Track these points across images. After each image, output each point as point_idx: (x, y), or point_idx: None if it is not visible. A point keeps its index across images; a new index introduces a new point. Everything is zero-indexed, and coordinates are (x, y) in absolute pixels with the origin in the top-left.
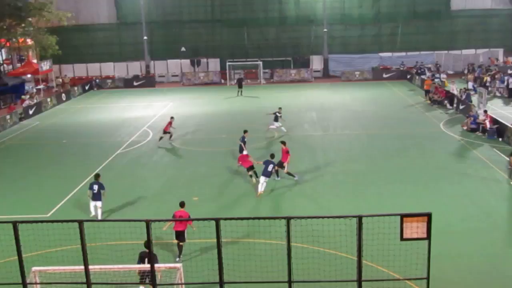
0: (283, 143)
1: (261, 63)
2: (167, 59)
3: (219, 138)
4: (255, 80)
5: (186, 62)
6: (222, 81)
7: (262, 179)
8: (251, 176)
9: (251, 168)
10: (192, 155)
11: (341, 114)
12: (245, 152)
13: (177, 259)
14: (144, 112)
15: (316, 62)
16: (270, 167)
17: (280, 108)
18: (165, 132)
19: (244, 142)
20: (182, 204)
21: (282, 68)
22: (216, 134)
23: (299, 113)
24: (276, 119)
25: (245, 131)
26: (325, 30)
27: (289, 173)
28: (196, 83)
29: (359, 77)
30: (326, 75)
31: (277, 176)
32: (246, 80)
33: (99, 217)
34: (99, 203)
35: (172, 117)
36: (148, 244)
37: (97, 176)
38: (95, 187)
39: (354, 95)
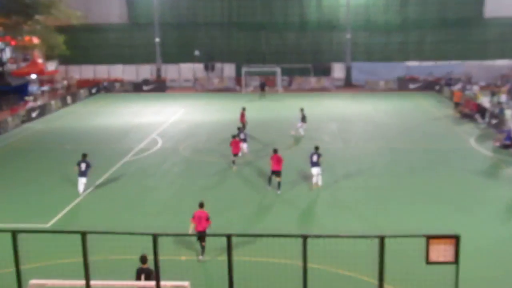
0: (275, 151)
1: (279, 69)
2: (179, 63)
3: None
4: (272, 88)
5: (200, 66)
6: (238, 87)
7: (315, 171)
8: (233, 162)
9: (237, 155)
10: (204, 165)
11: (363, 126)
12: (242, 138)
13: (201, 257)
14: (153, 119)
15: (338, 70)
16: (315, 157)
17: (302, 110)
18: (242, 123)
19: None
20: (201, 205)
21: (301, 75)
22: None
23: (318, 123)
24: (303, 119)
25: (239, 128)
26: (348, 36)
27: (279, 183)
28: (210, 89)
29: (383, 87)
30: (348, 84)
31: (278, 188)
32: (260, 88)
33: (81, 191)
34: (84, 179)
35: (244, 108)
36: (154, 259)
37: (84, 155)
38: (83, 165)
39: (378, 106)
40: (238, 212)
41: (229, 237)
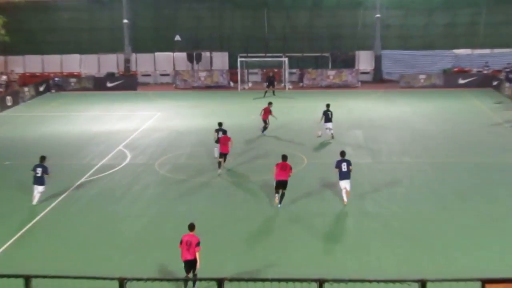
0: (284, 158)
1: (286, 60)
2: (155, 52)
3: (225, 164)
4: (277, 84)
5: (182, 56)
6: (232, 83)
7: (344, 184)
8: (219, 163)
9: (224, 155)
10: (187, 187)
11: (397, 134)
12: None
13: None
14: (120, 125)
15: (364, 61)
16: (344, 166)
17: (328, 105)
18: (265, 121)
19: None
20: (191, 227)
21: (316, 68)
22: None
23: (339, 131)
24: (330, 119)
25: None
26: (377, 16)
27: (283, 195)
28: (195, 86)
29: (424, 83)
30: (378, 79)
31: (280, 202)
32: (266, 83)
33: (35, 202)
34: (41, 188)
35: (270, 103)
36: None
37: (42, 158)
38: (39, 170)
39: (417, 107)
40: (232, 247)
41: (221, 282)
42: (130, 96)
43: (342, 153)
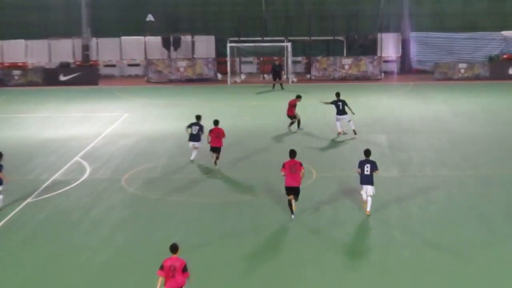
0: (292, 153)
1: (289, 45)
2: (121, 36)
3: (211, 178)
4: (269, 76)
5: (156, 41)
6: (219, 76)
7: (364, 189)
8: (215, 162)
9: (217, 150)
10: (163, 208)
11: (431, 139)
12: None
13: None
14: (77, 130)
15: (389, 46)
16: (367, 169)
17: (337, 94)
18: (290, 116)
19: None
20: (174, 248)
21: (328, 55)
22: (205, 173)
23: (358, 135)
24: (341, 111)
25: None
26: None
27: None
28: (173, 80)
29: (465, 74)
30: (406, 69)
31: (292, 213)
32: (263, 76)
33: None
34: None
35: (299, 96)
36: None
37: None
38: None
39: (455, 105)
40: (231, 267)
41: None
42: (89, 93)
43: (366, 152)
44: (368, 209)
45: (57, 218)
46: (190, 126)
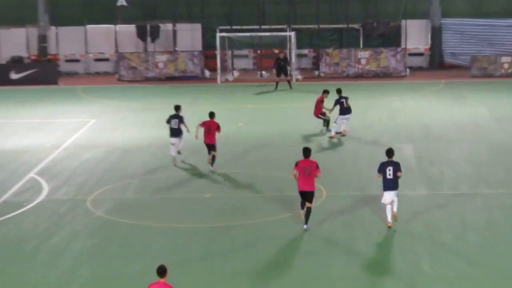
0: (306, 152)
1: (292, 35)
2: (86, 24)
3: (197, 198)
4: (273, 71)
5: (129, 31)
6: (207, 73)
7: (388, 196)
8: (212, 159)
9: (208, 147)
10: (138, 235)
11: (468, 150)
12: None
13: None
14: (32, 140)
15: (415, 36)
16: (389, 172)
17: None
18: (319, 116)
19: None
20: (161, 271)
21: (340, 47)
22: (189, 191)
23: (377, 146)
24: (347, 109)
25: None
26: None
27: (309, 211)
28: (150, 77)
29: (509, 70)
30: (437, 64)
31: (306, 223)
32: (261, 73)
33: None
34: None
35: (326, 91)
36: None
37: None
38: None
39: (498, 108)
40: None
41: None
42: (47, 94)
43: (389, 152)
44: (390, 220)
45: (8, 248)
46: (169, 120)
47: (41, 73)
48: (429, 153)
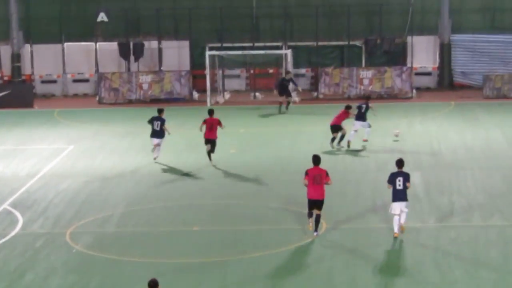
0: (316, 159)
1: (289, 52)
2: (63, 42)
3: (184, 231)
4: (273, 92)
5: (110, 49)
6: (196, 94)
7: (395, 206)
8: (208, 154)
9: (210, 142)
10: (121, 271)
11: (481, 178)
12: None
13: None
14: (4, 169)
15: (423, 53)
16: (399, 183)
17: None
18: (336, 128)
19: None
20: (153, 285)
21: (341, 66)
22: (174, 221)
23: (381, 173)
24: (361, 114)
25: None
26: None
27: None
28: (134, 100)
29: None
30: (447, 84)
31: (316, 230)
32: (254, 94)
33: None
34: None
35: (348, 107)
36: None
37: None
38: None
39: None
40: None
41: None
42: (21, 117)
43: (399, 163)
44: (397, 231)
45: None
46: (151, 121)
47: (15, 95)
48: (438, 181)
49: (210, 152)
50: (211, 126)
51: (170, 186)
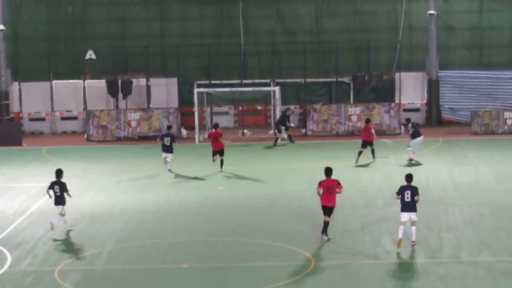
0: (328, 171)
1: (277, 89)
2: (52, 80)
3: (174, 268)
4: (261, 129)
5: (98, 86)
6: (184, 132)
7: (404, 216)
8: (220, 165)
9: (219, 152)
10: None
11: (470, 215)
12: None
13: None
14: None
15: (411, 89)
16: (407, 195)
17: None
18: (366, 143)
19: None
20: None
21: (329, 103)
22: (163, 259)
23: (368, 210)
24: (417, 132)
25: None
26: (431, 12)
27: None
28: (122, 137)
29: None
30: (435, 120)
31: (325, 233)
32: (243, 131)
33: None
34: None
35: (368, 120)
36: None
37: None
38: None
39: (501, 168)
40: None
41: None
42: (9, 155)
43: (408, 177)
44: (414, 238)
45: None
46: (162, 137)
47: (3, 133)
48: (427, 217)
49: (221, 160)
50: (215, 139)
51: (159, 223)
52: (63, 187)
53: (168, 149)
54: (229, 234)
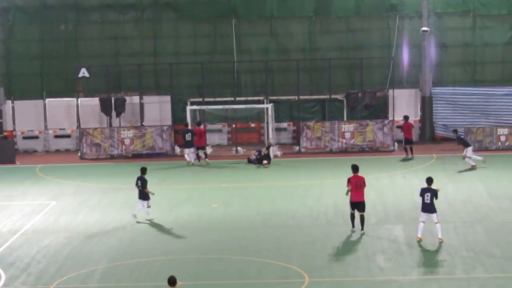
0: (355, 168)
1: (270, 107)
2: (45, 98)
3: (168, 287)
4: (255, 146)
5: (91, 104)
6: (178, 149)
7: (423, 216)
8: (204, 155)
9: (201, 148)
10: None
11: (463, 231)
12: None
13: None
14: None
15: (404, 106)
16: (427, 198)
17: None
18: (409, 140)
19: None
20: (172, 281)
21: (322, 120)
22: (157, 277)
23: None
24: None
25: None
26: (424, 29)
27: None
28: (116, 155)
29: (506, 143)
30: (428, 137)
31: (362, 229)
32: (236, 148)
33: None
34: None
35: (406, 117)
36: None
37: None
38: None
39: (494, 184)
40: None
41: None
42: (3, 174)
43: (428, 180)
44: (440, 235)
45: None
46: (183, 134)
47: None
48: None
49: (204, 153)
50: (200, 135)
51: (153, 241)
52: (143, 184)
53: (188, 144)
54: (223, 252)
